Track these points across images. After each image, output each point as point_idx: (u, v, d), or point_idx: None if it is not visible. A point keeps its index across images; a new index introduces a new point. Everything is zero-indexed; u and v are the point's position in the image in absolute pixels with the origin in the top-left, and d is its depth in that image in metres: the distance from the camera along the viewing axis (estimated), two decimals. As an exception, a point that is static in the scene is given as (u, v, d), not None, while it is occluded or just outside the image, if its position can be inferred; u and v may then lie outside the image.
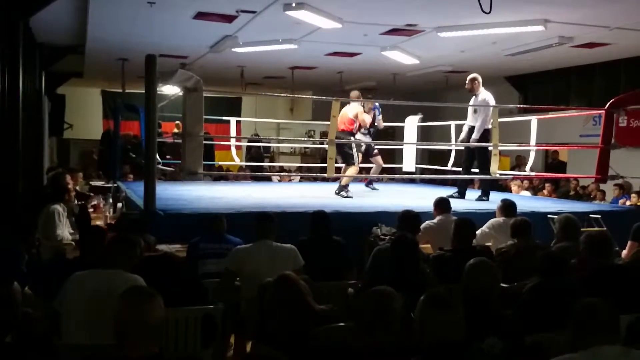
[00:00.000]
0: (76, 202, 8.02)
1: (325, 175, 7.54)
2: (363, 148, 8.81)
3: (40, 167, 10.69)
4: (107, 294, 3.10)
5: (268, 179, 12.37)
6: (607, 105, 8.01)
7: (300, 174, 14.02)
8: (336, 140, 7.44)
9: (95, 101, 16.93)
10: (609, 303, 2.60)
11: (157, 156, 7.56)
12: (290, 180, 13.14)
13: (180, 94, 6.79)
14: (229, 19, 8.56)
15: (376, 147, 9.25)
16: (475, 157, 8.14)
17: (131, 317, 2.38)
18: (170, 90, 9.04)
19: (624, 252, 5.51)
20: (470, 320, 2.65)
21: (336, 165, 7.64)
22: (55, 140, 15.28)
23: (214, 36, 9.85)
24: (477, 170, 8.17)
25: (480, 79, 8.02)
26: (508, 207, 5.85)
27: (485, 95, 7.98)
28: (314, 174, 12.48)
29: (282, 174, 13.89)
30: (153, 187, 5.90)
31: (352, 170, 8.31)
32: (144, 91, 6.00)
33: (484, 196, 8.06)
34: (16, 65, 6.85)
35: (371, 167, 9.37)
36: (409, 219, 5.16)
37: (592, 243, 4.11)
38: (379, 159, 9.19)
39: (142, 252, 3.88)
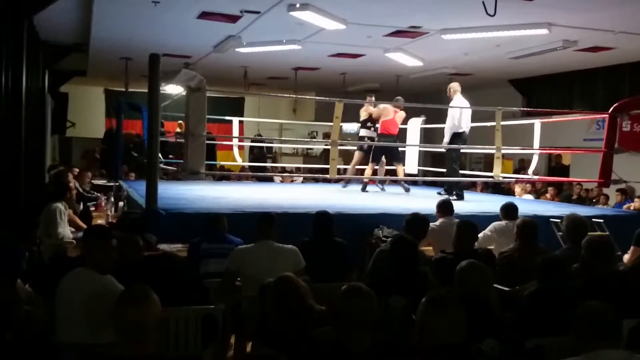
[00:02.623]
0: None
1: (327, 176, 7.54)
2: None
3: (42, 165, 10.70)
4: (91, 295, 3.13)
5: (270, 180, 12.36)
6: (611, 109, 7.99)
7: (302, 174, 14.01)
8: (339, 141, 7.45)
9: (98, 100, 16.94)
10: (612, 307, 2.59)
11: (160, 155, 7.57)
12: (292, 181, 13.13)
13: (184, 93, 6.79)
14: (233, 19, 8.56)
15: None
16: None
17: (128, 318, 2.37)
18: (173, 89, 9.03)
19: (626, 257, 5.49)
20: (468, 323, 2.62)
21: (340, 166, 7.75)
22: (58, 139, 15.28)
23: (217, 36, 9.85)
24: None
25: (452, 87, 8.42)
26: (510, 210, 5.84)
27: (455, 101, 8.35)
28: (317, 175, 12.47)
29: (284, 174, 13.88)
30: (155, 187, 5.89)
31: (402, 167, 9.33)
32: (147, 90, 6.00)
33: (447, 192, 8.50)
34: (20, 63, 6.86)
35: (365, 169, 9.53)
36: (416, 223, 5.12)
37: (593, 248, 4.09)
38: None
39: (140, 252, 3.87)
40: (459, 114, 8.15)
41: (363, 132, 9.71)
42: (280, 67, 12.71)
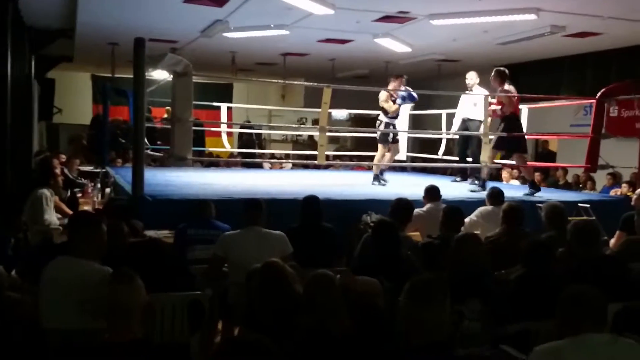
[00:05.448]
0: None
1: (316, 162, 7.53)
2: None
3: (29, 152, 10.60)
4: (76, 282, 3.11)
5: (259, 166, 12.33)
6: (598, 94, 8.01)
7: (292, 161, 14.00)
8: (327, 127, 7.43)
9: (85, 86, 16.82)
10: (596, 291, 2.60)
11: (147, 142, 7.52)
12: (281, 168, 13.12)
13: (170, 78, 6.74)
14: (219, 2, 8.48)
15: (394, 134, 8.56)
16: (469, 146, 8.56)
17: (113, 300, 2.37)
18: (160, 75, 8.97)
19: (612, 241, 5.53)
20: (455, 283, 2.78)
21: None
22: (45, 125, 15.16)
23: (204, 20, 9.76)
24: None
25: (474, 77, 8.54)
26: (496, 195, 5.89)
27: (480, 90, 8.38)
28: (306, 161, 12.45)
29: (273, 161, 13.86)
30: (141, 173, 5.87)
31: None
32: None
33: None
34: (5, 49, 6.79)
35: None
36: (401, 207, 5.15)
37: (579, 232, 4.11)
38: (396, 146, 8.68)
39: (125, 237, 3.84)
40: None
41: (385, 118, 8.34)
42: (269, 52, 12.63)
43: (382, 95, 8.25)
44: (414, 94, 8.33)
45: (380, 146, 8.36)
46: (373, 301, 3.25)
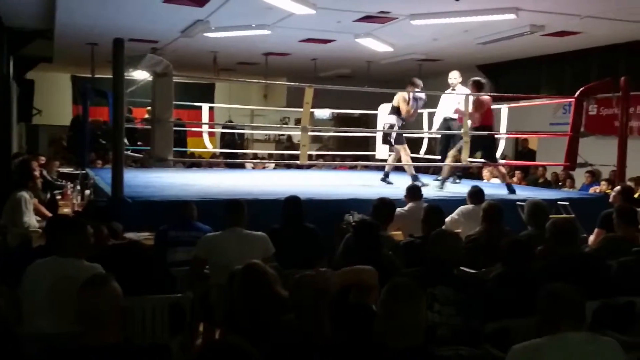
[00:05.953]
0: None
1: (299, 162, 7.52)
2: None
3: (8, 154, 10.47)
4: (67, 282, 3.08)
5: (241, 166, 12.29)
6: (577, 93, 8.08)
7: (275, 161, 13.97)
8: (310, 127, 7.42)
9: (65, 87, 16.63)
10: (575, 289, 2.61)
11: (128, 142, 7.46)
12: (264, 168, 13.09)
13: (150, 79, 6.69)
14: (200, 2, 8.44)
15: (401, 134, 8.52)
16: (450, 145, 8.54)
17: (86, 306, 2.36)
18: (140, 75, 8.90)
19: (591, 239, 5.58)
20: (430, 274, 3.25)
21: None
22: (24, 126, 15.00)
23: (185, 20, 9.71)
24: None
25: (457, 77, 8.57)
26: (476, 194, 5.92)
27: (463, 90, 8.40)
28: (288, 161, 12.45)
29: (255, 161, 13.83)
30: (121, 174, 5.82)
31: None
32: (112, 76, 5.90)
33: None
34: (-19, 49, 6.70)
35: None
36: (383, 207, 5.16)
37: (557, 230, 4.14)
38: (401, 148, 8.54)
39: (105, 239, 3.81)
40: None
41: (393, 120, 8.43)
42: (251, 52, 12.60)
43: (401, 95, 8.33)
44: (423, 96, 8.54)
45: (401, 147, 8.35)
46: (366, 297, 3.22)
